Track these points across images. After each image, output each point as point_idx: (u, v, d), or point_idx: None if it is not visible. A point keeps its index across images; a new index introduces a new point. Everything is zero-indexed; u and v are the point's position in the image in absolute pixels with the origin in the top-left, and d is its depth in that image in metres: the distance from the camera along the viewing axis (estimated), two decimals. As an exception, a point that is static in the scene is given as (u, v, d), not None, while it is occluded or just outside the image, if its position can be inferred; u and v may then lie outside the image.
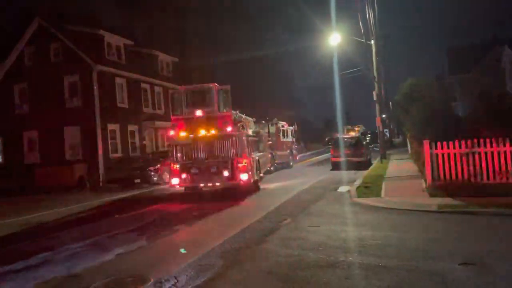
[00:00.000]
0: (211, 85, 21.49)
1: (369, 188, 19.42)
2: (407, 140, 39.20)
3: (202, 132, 21.10)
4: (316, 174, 30.49)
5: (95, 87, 35.92)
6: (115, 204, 22.15)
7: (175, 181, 21.46)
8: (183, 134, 21.23)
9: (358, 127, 75.92)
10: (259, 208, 16.92)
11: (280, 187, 23.81)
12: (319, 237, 11.76)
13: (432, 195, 16.34)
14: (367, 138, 46.85)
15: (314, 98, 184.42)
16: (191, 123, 21.18)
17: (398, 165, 30.29)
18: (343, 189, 21.00)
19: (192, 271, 9.71)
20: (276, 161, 35.22)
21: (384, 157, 36.30)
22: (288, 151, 38.85)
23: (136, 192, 26.98)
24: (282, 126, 38.08)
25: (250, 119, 27.81)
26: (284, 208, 16.65)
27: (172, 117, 21.79)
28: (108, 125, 36.75)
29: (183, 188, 22.20)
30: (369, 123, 75.19)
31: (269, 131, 34.27)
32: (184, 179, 21.35)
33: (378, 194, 17.66)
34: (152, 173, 30.66)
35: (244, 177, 21.06)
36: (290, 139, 40.02)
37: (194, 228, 14.41)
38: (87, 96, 36.08)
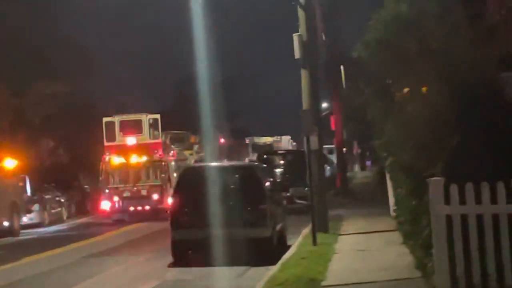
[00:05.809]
0: (143, 114, 24.48)
1: None
2: (386, 176, 14.54)
3: (134, 159, 23.29)
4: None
5: None
6: None
7: (106, 204, 23.38)
8: (116, 160, 23.38)
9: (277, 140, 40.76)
10: None
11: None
12: None
13: None
14: (278, 165, 24.53)
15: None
16: (124, 150, 23.45)
17: (361, 249, 12.61)
18: None
19: None
20: None
21: (323, 226, 14.65)
22: None
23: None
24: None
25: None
26: None
27: (105, 144, 23.87)
28: None
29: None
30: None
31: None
32: (115, 203, 23.17)
33: None
34: None
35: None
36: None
37: None
38: None
